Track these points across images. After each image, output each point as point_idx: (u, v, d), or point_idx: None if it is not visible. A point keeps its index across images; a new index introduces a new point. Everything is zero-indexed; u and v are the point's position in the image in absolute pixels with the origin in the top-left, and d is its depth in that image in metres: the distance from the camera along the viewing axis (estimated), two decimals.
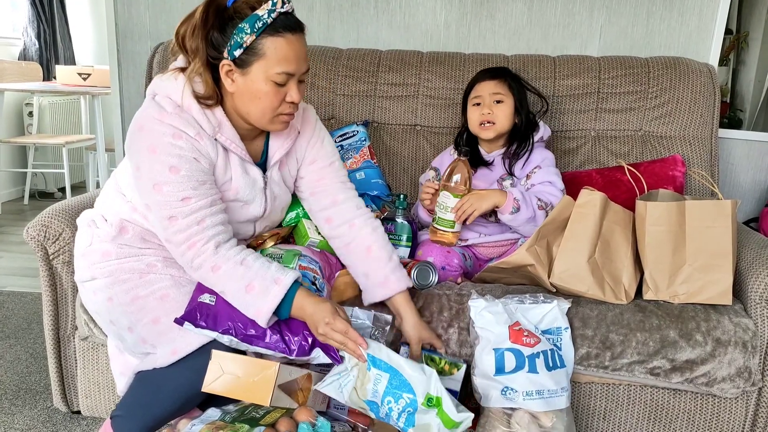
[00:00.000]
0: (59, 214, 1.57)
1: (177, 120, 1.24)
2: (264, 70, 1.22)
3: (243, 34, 1.20)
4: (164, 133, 1.22)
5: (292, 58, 1.23)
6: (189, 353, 1.24)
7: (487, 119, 1.71)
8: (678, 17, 2.20)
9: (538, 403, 1.32)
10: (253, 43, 1.21)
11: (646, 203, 1.52)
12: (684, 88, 1.97)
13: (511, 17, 2.25)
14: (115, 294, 1.31)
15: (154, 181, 1.22)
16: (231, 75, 1.25)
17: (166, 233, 1.25)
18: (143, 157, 1.24)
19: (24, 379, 1.94)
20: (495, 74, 1.75)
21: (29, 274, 2.86)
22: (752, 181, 2.34)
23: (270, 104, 1.26)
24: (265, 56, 1.21)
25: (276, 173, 1.41)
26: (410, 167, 2.04)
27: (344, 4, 2.26)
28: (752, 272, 1.51)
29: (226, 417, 1.23)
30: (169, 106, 1.25)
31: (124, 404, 1.30)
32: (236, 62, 1.23)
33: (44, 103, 4.21)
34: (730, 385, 1.46)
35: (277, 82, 1.24)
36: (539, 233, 1.51)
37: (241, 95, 1.26)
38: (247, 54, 1.21)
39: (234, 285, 1.23)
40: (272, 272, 1.24)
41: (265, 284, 1.22)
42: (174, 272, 1.32)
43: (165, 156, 1.22)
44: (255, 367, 1.20)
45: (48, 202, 3.97)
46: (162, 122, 1.23)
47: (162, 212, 1.23)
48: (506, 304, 1.43)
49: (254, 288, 1.22)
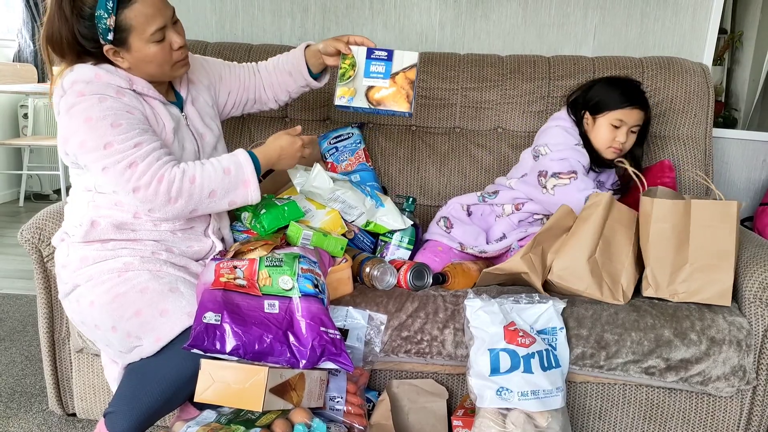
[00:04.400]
0: (54, 217, 1.56)
1: (95, 87, 1.29)
2: (140, 37, 1.30)
3: (102, 19, 1.26)
4: (91, 103, 1.28)
5: (155, 14, 1.30)
6: (172, 339, 1.25)
7: (620, 148, 1.72)
8: (672, 17, 2.20)
9: (534, 404, 1.33)
10: (117, 22, 1.27)
11: (652, 200, 1.51)
12: (678, 88, 1.97)
13: (505, 18, 2.25)
14: (97, 296, 1.32)
15: (104, 142, 1.26)
16: (118, 55, 1.32)
17: (131, 183, 1.27)
18: (82, 130, 1.27)
19: (19, 382, 1.93)
20: (645, 104, 1.73)
21: (24, 277, 2.85)
22: (746, 180, 2.34)
23: (163, 59, 1.34)
24: (133, 27, 1.29)
25: (192, 110, 1.49)
26: (405, 168, 2.04)
27: (339, 5, 2.26)
28: (747, 271, 1.51)
29: (221, 419, 1.23)
30: (81, 85, 1.30)
31: (116, 400, 1.30)
32: (115, 43, 1.30)
33: (39, 105, 4.20)
34: (724, 384, 1.47)
35: (157, 40, 1.32)
36: (535, 240, 1.51)
37: (136, 65, 1.34)
38: (119, 33, 1.29)
39: (215, 177, 1.32)
40: (229, 155, 1.37)
41: (232, 160, 1.35)
42: (152, 267, 1.34)
43: (102, 120, 1.27)
44: (244, 374, 1.19)
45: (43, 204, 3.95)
46: (83, 95, 1.28)
47: (120, 165, 1.26)
48: (502, 304, 1.43)
49: (230, 171, 1.34)
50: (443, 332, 1.48)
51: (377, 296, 1.52)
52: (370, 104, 1.53)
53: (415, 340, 1.49)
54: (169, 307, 1.28)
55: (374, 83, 1.53)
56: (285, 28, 2.28)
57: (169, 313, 1.28)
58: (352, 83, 1.53)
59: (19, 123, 4.27)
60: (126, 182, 1.27)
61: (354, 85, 1.53)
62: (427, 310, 1.50)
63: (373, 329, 1.46)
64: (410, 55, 1.52)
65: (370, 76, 1.53)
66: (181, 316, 1.27)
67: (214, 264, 1.33)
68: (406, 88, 1.51)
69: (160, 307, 1.28)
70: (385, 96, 1.52)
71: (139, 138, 1.28)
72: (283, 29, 2.29)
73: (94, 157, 1.28)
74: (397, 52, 1.52)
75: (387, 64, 1.52)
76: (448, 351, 1.49)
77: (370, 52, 1.53)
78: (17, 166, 4.27)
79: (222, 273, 1.31)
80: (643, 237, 1.53)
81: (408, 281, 1.56)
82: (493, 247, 1.71)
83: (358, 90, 1.53)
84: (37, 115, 4.22)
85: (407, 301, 1.51)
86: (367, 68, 1.53)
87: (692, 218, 1.48)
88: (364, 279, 1.56)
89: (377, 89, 1.52)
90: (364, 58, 1.53)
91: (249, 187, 1.35)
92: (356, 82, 1.53)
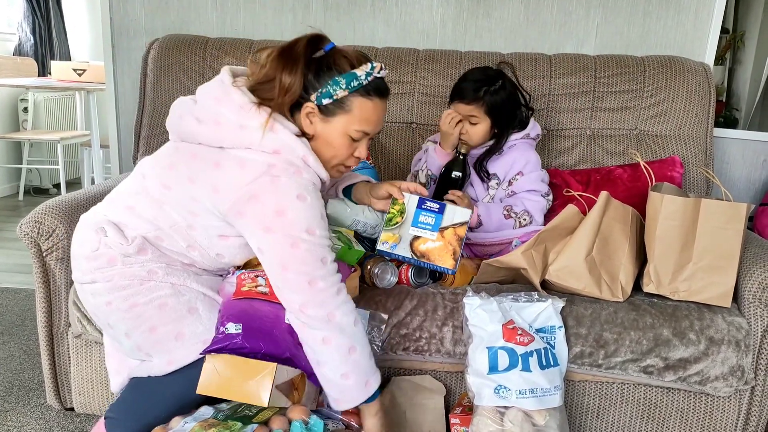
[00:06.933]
0: (52, 211, 1.56)
1: (306, 180, 1.24)
2: (345, 124, 1.27)
3: (337, 88, 1.23)
4: (301, 186, 1.22)
5: (373, 121, 1.30)
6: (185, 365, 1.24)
7: (462, 139, 1.72)
8: (674, 16, 2.20)
9: (532, 402, 1.33)
10: (343, 98, 1.25)
11: (662, 196, 1.50)
12: (679, 87, 1.97)
13: (507, 15, 2.24)
14: (114, 299, 1.28)
15: (307, 227, 1.22)
16: (311, 117, 1.27)
17: (312, 275, 1.23)
18: (296, 207, 1.22)
19: (17, 376, 1.93)
20: (473, 98, 1.69)
21: (23, 271, 2.85)
22: (747, 180, 2.34)
23: (340, 154, 1.31)
24: (351, 113, 1.27)
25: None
26: (406, 165, 2.03)
27: (341, 2, 2.25)
28: (746, 272, 1.51)
29: (218, 415, 1.23)
30: (292, 161, 1.24)
31: (118, 407, 1.30)
32: (320, 108, 1.26)
33: (39, 99, 4.20)
34: (723, 384, 1.47)
35: (353, 138, 1.30)
36: (538, 238, 1.51)
37: (316, 138, 1.29)
38: (334, 105, 1.26)
39: (361, 347, 1.28)
40: (375, 373, 1.32)
41: (369, 377, 1.30)
42: (175, 280, 1.29)
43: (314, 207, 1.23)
44: (251, 368, 1.19)
45: (43, 198, 3.95)
46: (301, 175, 1.23)
47: (314, 255, 1.22)
48: (501, 302, 1.43)
49: (349, 377, 1.27)
50: (442, 330, 1.48)
51: (376, 294, 1.52)
52: (414, 255, 1.47)
53: (414, 337, 1.49)
54: (185, 331, 1.26)
55: (421, 234, 1.47)
56: (286, 24, 2.28)
57: (184, 338, 1.25)
58: (398, 230, 1.48)
59: (19, 117, 4.27)
60: (311, 271, 1.22)
61: (400, 232, 1.48)
62: (426, 307, 1.50)
63: (374, 328, 1.45)
64: (463, 211, 1.48)
65: (418, 226, 1.48)
66: (197, 343, 1.25)
67: (235, 276, 1.34)
68: (454, 245, 1.47)
69: (176, 329, 1.26)
70: (431, 249, 1.47)
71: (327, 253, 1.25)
72: (284, 25, 2.28)
73: (286, 233, 1.21)
74: (449, 207, 1.48)
75: (437, 217, 1.47)
76: (446, 349, 1.49)
77: (422, 202, 1.48)
78: (17, 160, 4.27)
79: (244, 283, 1.31)
80: (649, 232, 1.53)
81: (410, 278, 1.56)
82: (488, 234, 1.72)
83: (403, 238, 1.48)
84: (37, 109, 4.22)
85: (406, 299, 1.51)
86: (416, 217, 1.48)
87: (700, 217, 1.48)
88: (365, 276, 1.56)
89: (423, 240, 1.47)
90: (414, 207, 1.48)
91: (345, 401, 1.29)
92: (402, 229, 1.48)
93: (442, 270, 1.48)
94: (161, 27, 2.31)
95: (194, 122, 1.27)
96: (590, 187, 1.87)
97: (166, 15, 2.31)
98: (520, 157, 1.74)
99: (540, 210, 1.72)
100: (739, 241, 1.47)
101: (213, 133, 1.24)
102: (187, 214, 1.27)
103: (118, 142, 2.44)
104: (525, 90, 1.79)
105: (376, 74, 1.26)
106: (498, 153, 1.75)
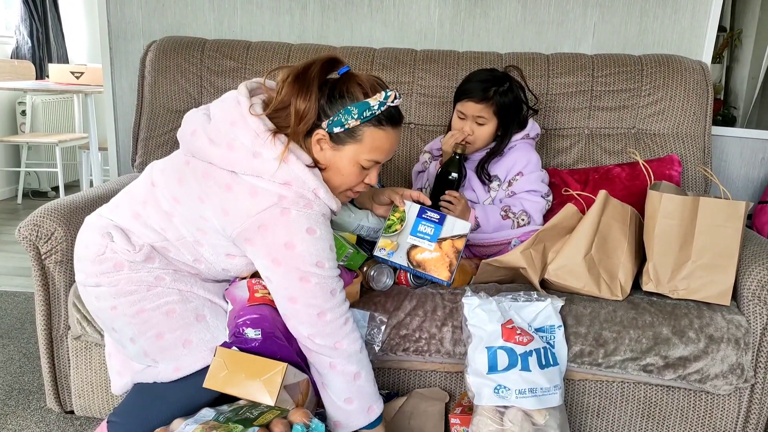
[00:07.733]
0: (51, 214, 1.56)
1: (319, 214, 1.24)
2: (355, 153, 1.26)
3: (349, 117, 1.22)
4: (315, 221, 1.23)
5: (385, 150, 1.29)
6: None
7: (466, 140, 1.71)
8: (671, 15, 2.20)
9: (531, 401, 1.33)
10: (355, 128, 1.24)
11: (661, 194, 1.51)
12: (677, 86, 1.97)
13: (504, 15, 2.25)
14: (120, 304, 1.27)
15: (317, 260, 1.22)
16: (321, 144, 1.26)
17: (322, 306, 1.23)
18: (305, 239, 1.22)
19: (17, 379, 1.93)
20: (483, 97, 1.68)
21: (23, 274, 2.84)
22: (745, 178, 2.35)
23: (350, 182, 1.31)
24: (362, 142, 1.25)
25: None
26: (404, 165, 2.03)
27: (338, 2, 2.25)
28: (746, 269, 1.51)
29: (220, 417, 1.23)
30: (307, 197, 1.23)
31: (122, 412, 1.29)
32: (331, 136, 1.25)
33: (37, 102, 4.19)
34: (722, 382, 1.47)
35: (363, 166, 1.29)
36: (537, 237, 1.51)
37: (325, 165, 1.28)
38: (345, 134, 1.24)
39: (366, 374, 1.30)
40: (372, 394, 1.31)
41: (372, 403, 1.31)
42: (182, 287, 1.29)
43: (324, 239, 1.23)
44: (261, 366, 1.18)
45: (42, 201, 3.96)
46: (311, 208, 1.22)
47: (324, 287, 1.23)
48: (500, 302, 1.43)
49: (352, 402, 1.28)
50: (441, 330, 1.48)
51: (375, 295, 1.52)
52: (410, 263, 1.49)
53: (414, 338, 1.49)
54: (193, 338, 1.26)
55: (419, 243, 1.48)
56: (284, 25, 2.28)
57: (192, 345, 1.26)
58: (397, 237, 1.49)
59: (17, 120, 4.27)
60: (322, 302, 1.23)
61: (398, 240, 1.49)
62: (425, 308, 1.50)
63: (374, 329, 1.45)
64: (462, 224, 1.49)
65: (417, 235, 1.49)
66: (204, 351, 1.25)
67: (245, 282, 1.34)
68: (451, 257, 1.47)
69: (184, 336, 1.26)
70: (428, 260, 1.48)
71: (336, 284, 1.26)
72: (281, 26, 2.28)
73: (295, 267, 1.21)
74: (449, 218, 1.49)
75: (437, 228, 1.48)
76: (446, 349, 1.49)
77: (423, 211, 1.49)
78: (15, 163, 4.27)
79: (256, 289, 1.32)
80: (648, 231, 1.53)
81: (409, 278, 1.56)
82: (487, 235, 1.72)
83: (400, 245, 1.49)
84: (35, 112, 4.21)
85: (405, 300, 1.51)
86: (415, 226, 1.49)
87: (699, 216, 1.48)
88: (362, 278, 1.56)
89: (420, 250, 1.48)
90: (414, 216, 1.49)
91: (353, 414, 1.29)
92: (401, 237, 1.49)
93: (437, 281, 1.49)
94: (159, 29, 2.31)
95: (207, 141, 1.25)
96: (589, 186, 1.87)
97: (164, 17, 2.31)
98: (521, 158, 1.74)
99: (539, 210, 1.72)
100: (737, 239, 1.47)
101: (226, 157, 1.23)
102: (195, 231, 1.27)
103: (117, 145, 2.44)
104: (533, 93, 1.79)
105: (390, 104, 1.24)
106: (499, 155, 1.75)
